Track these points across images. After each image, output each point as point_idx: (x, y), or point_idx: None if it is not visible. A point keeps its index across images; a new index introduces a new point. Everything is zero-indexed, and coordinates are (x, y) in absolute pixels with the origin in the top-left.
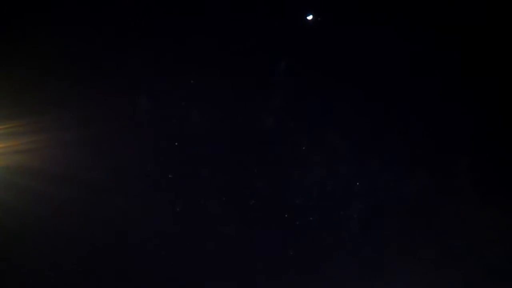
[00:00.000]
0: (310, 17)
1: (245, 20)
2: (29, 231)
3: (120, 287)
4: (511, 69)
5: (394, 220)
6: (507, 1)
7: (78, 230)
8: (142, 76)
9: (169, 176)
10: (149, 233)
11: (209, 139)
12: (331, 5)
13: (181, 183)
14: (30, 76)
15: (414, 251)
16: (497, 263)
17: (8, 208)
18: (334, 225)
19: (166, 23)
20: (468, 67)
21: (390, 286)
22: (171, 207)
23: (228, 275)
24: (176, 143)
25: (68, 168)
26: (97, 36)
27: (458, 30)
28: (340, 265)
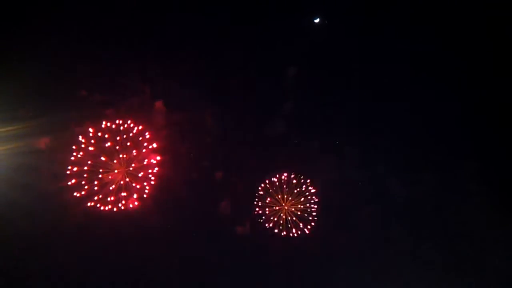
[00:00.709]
0: (317, 20)
1: (253, 24)
2: (30, 230)
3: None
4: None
5: (401, 223)
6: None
7: (85, 232)
8: (149, 81)
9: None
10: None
11: (221, 143)
12: (338, 8)
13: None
14: (33, 80)
15: (423, 253)
16: (502, 265)
17: (11, 206)
18: (341, 227)
19: (178, 29)
20: (473, 69)
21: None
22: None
23: (237, 276)
24: (191, 154)
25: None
26: (101, 41)
27: (460, 32)
28: (350, 266)
